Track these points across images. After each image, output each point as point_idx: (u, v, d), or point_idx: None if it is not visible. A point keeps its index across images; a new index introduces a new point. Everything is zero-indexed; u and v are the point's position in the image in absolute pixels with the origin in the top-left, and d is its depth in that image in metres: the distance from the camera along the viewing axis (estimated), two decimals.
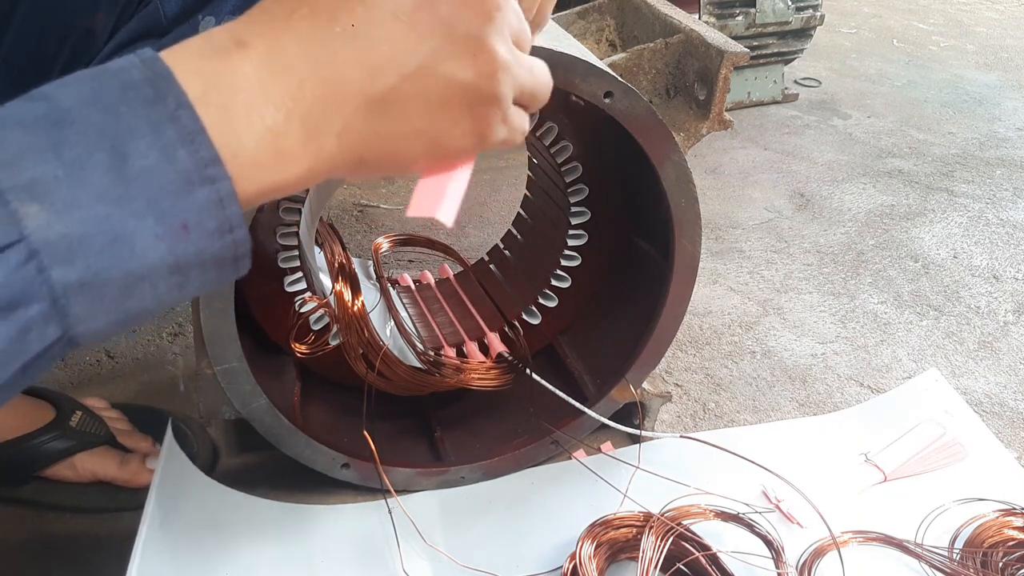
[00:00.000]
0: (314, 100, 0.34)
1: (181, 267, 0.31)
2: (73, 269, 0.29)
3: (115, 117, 0.30)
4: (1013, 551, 0.76)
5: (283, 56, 0.34)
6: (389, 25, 0.35)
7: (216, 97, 0.32)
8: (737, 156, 1.68)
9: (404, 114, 0.36)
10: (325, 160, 0.35)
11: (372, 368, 0.79)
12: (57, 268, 0.29)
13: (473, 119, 0.38)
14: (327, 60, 0.34)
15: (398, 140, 0.37)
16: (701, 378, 1.03)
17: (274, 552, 0.74)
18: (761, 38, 1.83)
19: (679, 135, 0.81)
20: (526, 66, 0.40)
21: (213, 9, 0.65)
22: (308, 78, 0.34)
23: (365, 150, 0.36)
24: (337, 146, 0.35)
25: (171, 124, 0.31)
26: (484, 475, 0.83)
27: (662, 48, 0.83)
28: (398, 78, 0.35)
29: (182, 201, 0.31)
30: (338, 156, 0.35)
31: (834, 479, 0.85)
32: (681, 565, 0.71)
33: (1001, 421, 0.98)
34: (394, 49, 0.35)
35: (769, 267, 1.28)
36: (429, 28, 0.35)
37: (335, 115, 0.35)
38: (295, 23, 0.34)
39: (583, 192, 0.86)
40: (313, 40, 0.34)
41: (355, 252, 1.15)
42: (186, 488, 0.76)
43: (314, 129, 0.34)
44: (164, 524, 0.75)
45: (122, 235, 0.30)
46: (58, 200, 0.29)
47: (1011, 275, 1.29)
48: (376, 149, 0.36)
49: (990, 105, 2.03)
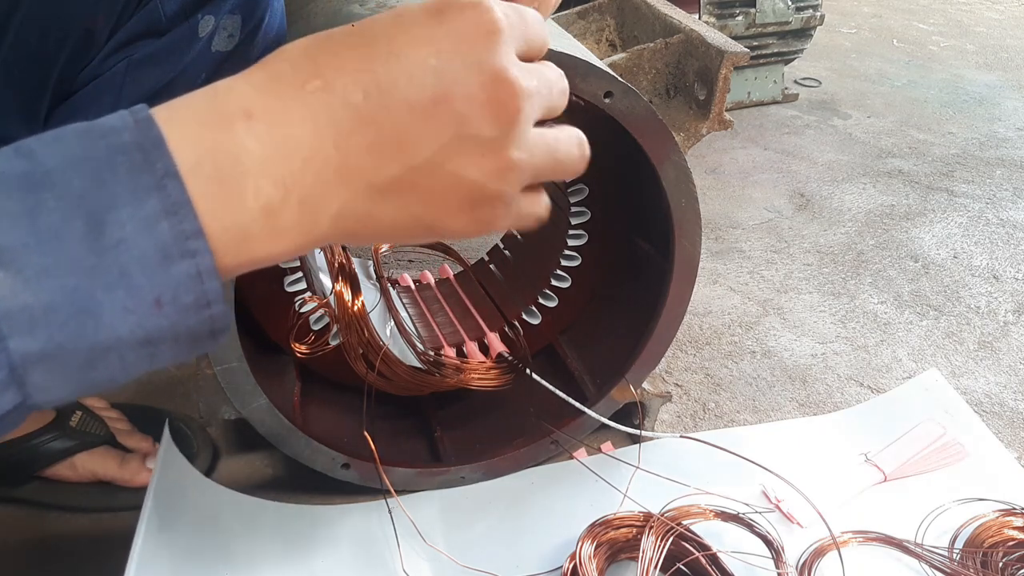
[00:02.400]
0: (315, 182, 0.33)
1: (152, 341, 0.30)
2: (34, 340, 0.28)
3: (98, 183, 0.29)
4: (1013, 551, 0.76)
5: (289, 132, 0.32)
6: (403, 116, 0.34)
7: (211, 169, 0.31)
8: (737, 156, 1.68)
9: (405, 203, 0.35)
10: (315, 238, 0.34)
11: (372, 368, 0.79)
12: (16, 338, 0.28)
13: (475, 212, 0.37)
14: (334, 143, 0.33)
15: (394, 225, 0.36)
16: (701, 378, 1.03)
17: (273, 553, 0.74)
18: (761, 38, 1.83)
19: (679, 135, 0.81)
20: (546, 155, 0.38)
21: (212, 8, 0.65)
22: (313, 158, 0.32)
23: (359, 231, 0.35)
24: (331, 226, 0.34)
25: (156, 194, 0.29)
26: (484, 475, 0.83)
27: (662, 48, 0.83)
28: (405, 169, 0.34)
29: (157, 275, 0.29)
30: (330, 234, 0.34)
31: (834, 479, 0.85)
32: (681, 565, 0.71)
33: (1001, 421, 0.98)
34: (405, 140, 0.34)
35: (769, 267, 1.28)
36: (443, 123, 0.34)
37: (334, 198, 0.33)
38: (307, 97, 0.33)
39: (583, 192, 0.86)
40: (323, 118, 0.33)
41: (355, 252, 1.15)
42: (184, 489, 0.76)
43: (311, 210, 0.33)
44: (161, 526, 0.75)
45: (89, 307, 0.28)
46: (26, 268, 0.28)
47: (1011, 275, 1.29)
48: (369, 229, 0.35)
49: (990, 105, 2.03)
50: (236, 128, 0.31)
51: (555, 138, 0.39)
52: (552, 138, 0.39)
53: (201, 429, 0.85)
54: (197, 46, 0.65)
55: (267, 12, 0.69)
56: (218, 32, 0.66)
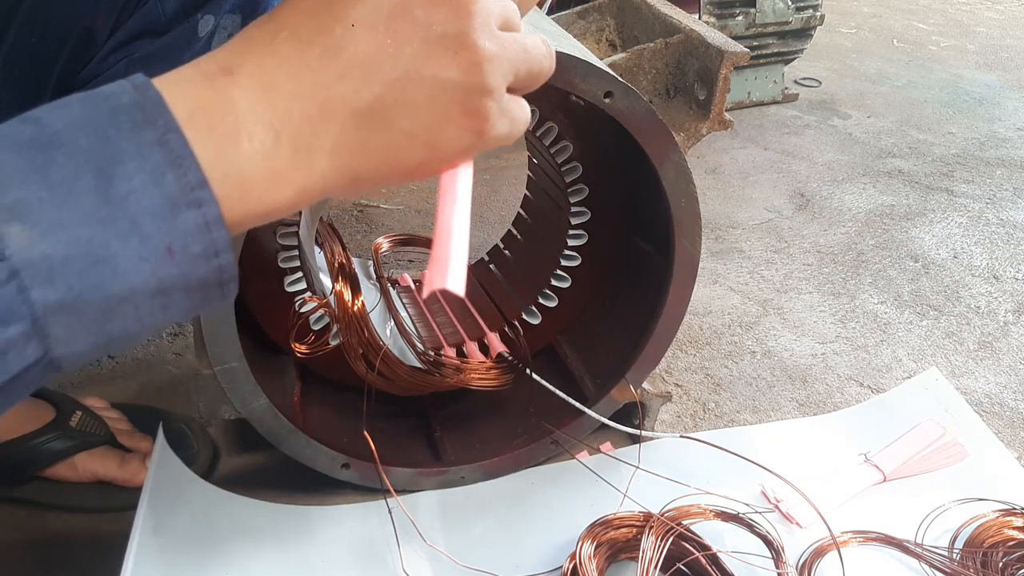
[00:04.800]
0: (302, 120, 0.34)
1: (165, 290, 0.31)
2: (54, 290, 0.29)
3: (103, 140, 0.30)
4: (1013, 551, 0.76)
5: (268, 79, 0.34)
6: (367, 38, 0.35)
7: (204, 121, 0.32)
8: (737, 156, 1.68)
9: (393, 122, 0.36)
10: (317, 179, 0.35)
11: (372, 368, 0.79)
12: (38, 288, 0.29)
13: (467, 115, 0.37)
14: (311, 80, 0.35)
15: (391, 149, 0.36)
16: (701, 378, 1.03)
17: (272, 554, 0.74)
18: (761, 38, 1.83)
19: (679, 135, 0.81)
20: (518, 48, 0.39)
21: (212, 8, 0.65)
22: (295, 99, 0.34)
23: (359, 164, 0.36)
24: (330, 164, 0.35)
25: (159, 148, 0.31)
26: (484, 475, 0.83)
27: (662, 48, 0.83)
28: (383, 87, 0.35)
29: (167, 224, 0.31)
30: (331, 174, 0.35)
31: (834, 479, 0.85)
32: (681, 565, 0.71)
33: (1001, 421, 0.98)
34: (374, 60, 0.35)
35: (769, 267, 1.28)
36: (406, 34, 0.36)
37: (324, 133, 0.35)
38: (277, 47, 0.35)
39: (583, 192, 0.86)
40: (296, 62, 0.35)
41: (355, 252, 1.15)
42: (179, 490, 0.76)
43: (304, 148, 0.34)
44: (157, 529, 0.75)
45: (105, 256, 0.30)
46: (41, 221, 0.29)
47: (1011, 275, 1.29)
48: (370, 161, 0.36)
49: (990, 105, 2.03)
50: (219, 82, 0.34)
51: (521, 36, 0.40)
52: (519, 36, 0.40)
53: (201, 429, 0.85)
54: (197, 46, 0.65)
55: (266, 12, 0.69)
56: (218, 32, 0.66)
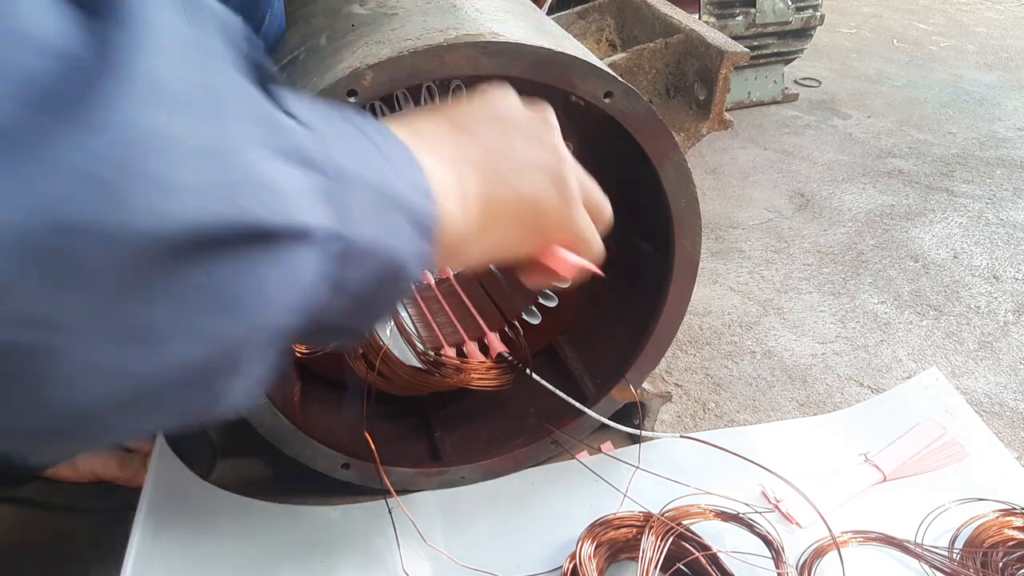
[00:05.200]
0: (461, 174, 0.45)
1: (419, 220, 0.40)
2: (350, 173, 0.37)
3: (364, 135, 0.40)
4: (1013, 551, 0.76)
5: (442, 153, 0.45)
6: (497, 130, 0.49)
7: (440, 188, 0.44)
8: (737, 156, 1.68)
9: (512, 183, 0.48)
10: (469, 215, 0.46)
11: (372, 368, 0.79)
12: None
13: (557, 191, 0.51)
14: (465, 154, 0.47)
15: (514, 202, 0.48)
16: (701, 378, 1.03)
17: (272, 554, 0.74)
18: (761, 38, 1.83)
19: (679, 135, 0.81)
20: (589, 184, 0.56)
21: None
22: (456, 162, 0.46)
23: (493, 208, 0.47)
24: (476, 202, 0.46)
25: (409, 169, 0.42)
26: (484, 475, 0.83)
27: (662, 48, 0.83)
28: (504, 161, 0.48)
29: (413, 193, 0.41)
30: (475, 209, 0.46)
31: (834, 479, 0.85)
32: (681, 565, 0.71)
33: (1001, 421, 0.98)
34: (496, 145, 0.49)
35: (769, 267, 1.28)
36: (515, 136, 0.50)
37: (472, 181, 0.46)
38: (442, 137, 0.47)
39: None
40: (451, 144, 0.47)
41: None
42: (179, 491, 0.76)
43: (463, 190, 0.45)
44: (157, 529, 0.75)
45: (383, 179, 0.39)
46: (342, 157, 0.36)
47: (1011, 275, 1.29)
48: (500, 208, 0.48)
49: (990, 105, 2.03)
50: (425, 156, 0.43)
51: (592, 180, 0.57)
52: (591, 179, 0.56)
53: (201, 429, 0.85)
54: None
55: (267, 12, 0.69)
56: None
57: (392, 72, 0.61)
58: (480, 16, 0.68)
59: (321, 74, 0.62)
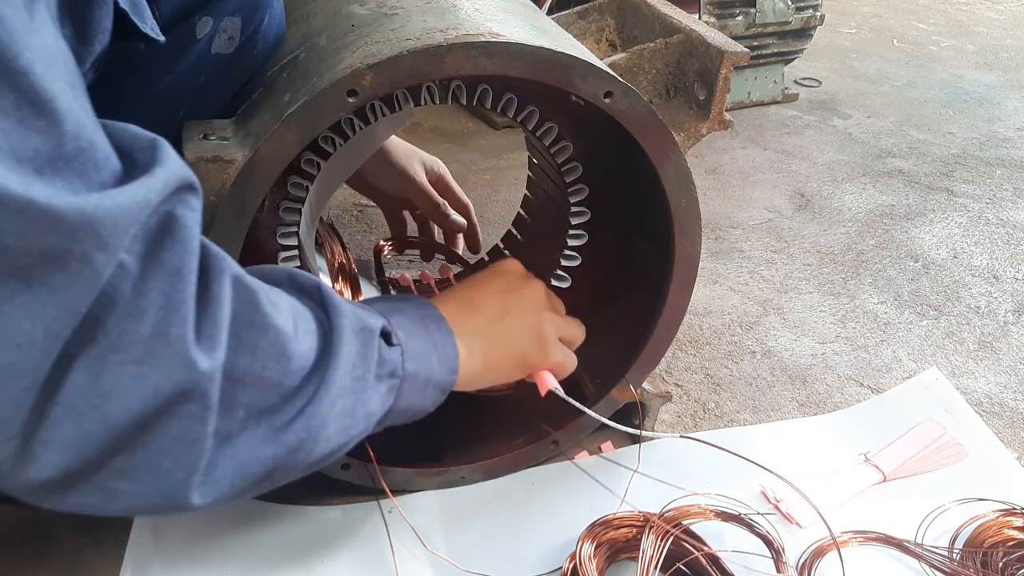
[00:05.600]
0: (471, 338, 0.67)
1: (444, 389, 0.66)
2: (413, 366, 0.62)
3: (425, 329, 0.64)
4: (1013, 551, 0.76)
5: (456, 325, 0.66)
6: (496, 304, 0.71)
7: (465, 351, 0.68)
8: (737, 156, 1.68)
9: (504, 343, 0.71)
10: (475, 364, 0.67)
11: None
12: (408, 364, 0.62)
13: (540, 346, 0.72)
14: (472, 325, 0.68)
15: (503, 355, 0.71)
16: (701, 378, 1.03)
17: (272, 554, 0.74)
18: (761, 38, 1.83)
19: (679, 135, 0.81)
20: (563, 328, 0.75)
21: (211, 10, 0.65)
22: (464, 334, 0.67)
23: (489, 360, 0.69)
24: (481, 359, 0.68)
25: (443, 346, 0.65)
26: (484, 475, 0.83)
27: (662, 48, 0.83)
28: (501, 324, 0.70)
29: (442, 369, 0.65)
30: (478, 363, 0.68)
31: (834, 479, 0.85)
32: (681, 565, 0.71)
33: (1001, 421, 0.98)
34: (499, 315, 0.70)
35: (769, 267, 1.28)
36: (512, 307, 0.72)
37: (477, 344, 0.68)
38: (452, 312, 0.67)
39: (583, 192, 0.86)
40: (458, 314, 0.68)
41: (355, 252, 1.15)
42: None
43: (470, 349, 0.67)
44: (157, 529, 0.75)
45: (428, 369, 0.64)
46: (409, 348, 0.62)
47: (1011, 275, 1.29)
48: (493, 361, 0.70)
49: (990, 105, 2.03)
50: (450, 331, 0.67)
51: (568, 323, 0.77)
52: (565, 323, 0.76)
53: None
54: (195, 48, 0.65)
55: (267, 13, 0.69)
56: (218, 34, 0.66)
57: (392, 72, 0.61)
58: (480, 16, 0.68)
59: (321, 74, 0.62)
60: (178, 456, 0.46)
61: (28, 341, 0.39)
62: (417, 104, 0.74)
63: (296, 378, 0.52)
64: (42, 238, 0.37)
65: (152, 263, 0.43)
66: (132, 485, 0.46)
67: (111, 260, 0.40)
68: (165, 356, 0.43)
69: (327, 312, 0.56)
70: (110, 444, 0.44)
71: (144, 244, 0.43)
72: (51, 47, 0.40)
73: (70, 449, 0.43)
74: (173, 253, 0.44)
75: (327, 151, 0.74)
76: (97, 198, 0.39)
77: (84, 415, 0.42)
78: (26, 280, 0.38)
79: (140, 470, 0.46)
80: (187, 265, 0.44)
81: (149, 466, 0.46)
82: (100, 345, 0.42)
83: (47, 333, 0.39)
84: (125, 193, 0.41)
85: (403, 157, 1.07)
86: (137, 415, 0.44)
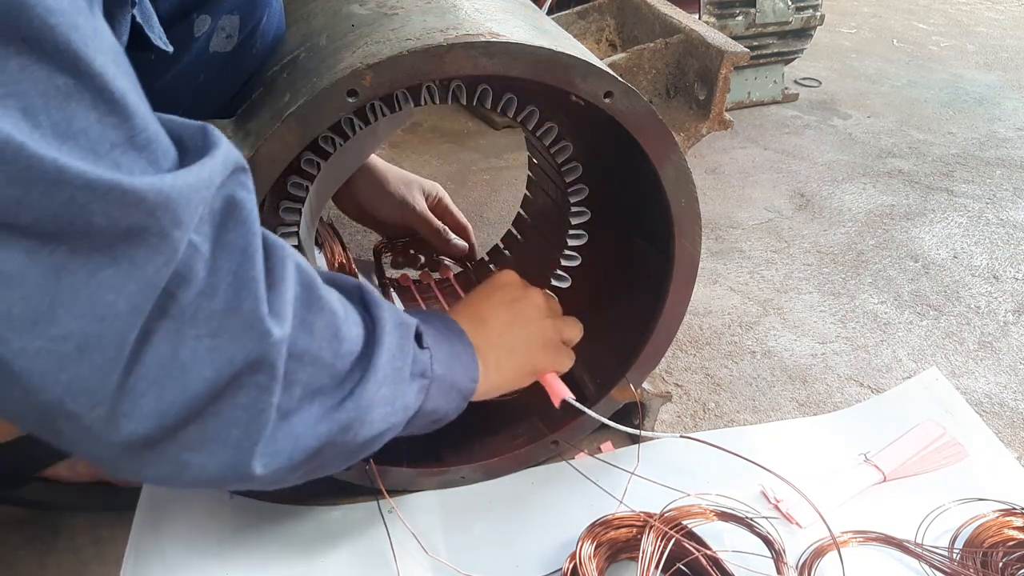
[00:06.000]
0: (485, 351, 0.71)
1: (466, 396, 0.69)
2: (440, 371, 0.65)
3: (448, 340, 0.68)
4: (1013, 551, 0.76)
5: (480, 344, 0.70)
6: (503, 316, 0.74)
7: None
8: (737, 156, 1.68)
9: (516, 355, 0.74)
10: (488, 375, 0.70)
11: None
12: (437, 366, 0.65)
13: (547, 353, 0.76)
14: (484, 337, 0.71)
15: (513, 368, 0.74)
16: (701, 378, 1.03)
17: (272, 554, 0.74)
18: (761, 38, 1.83)
19: (679, 135, 0.81)
20: (564, 329, 0.78)
21: (209, 8, 0.65)
22: (479, 345, 0.70)
23: (501, 372, 0.72)
24: (495, 370, 0.71)
25: (463, 357, 0.69)
26: (484, 475, 0.83)
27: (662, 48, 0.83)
28: (511, 336, 0.74)
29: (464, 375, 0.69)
30: (491, 375, 0.71)
31: (834, 479, 0.85)
32: (681, 565, 0.71)
33: (1001, 421, 0.98)
34: (507, 326, 0.74)
35: (769, 267, 1.28)
36: (517, 318, 0.75)
37: (491, 356, 0.71)
38: (470, 322, 0.72)
39: (583, 192, 0.86)
40: (473, 328, 0.71)
41: (355, 252, 1.15)
42: (179, 492, 0.76)
43: (484, 361, 0.70)
44: (157, 529, 0.75)
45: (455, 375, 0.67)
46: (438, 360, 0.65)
47: (1011, 275, 1.29)
48: (505, 372, 0.73)
49: (990, 105, 2.03)
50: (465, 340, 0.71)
51: (567, 324, 0.80)
52: (566, 325, 0.79)
53: None
54: (194, 46, 0.65)
55: (266, 12, 0.69)
56: (216, 33, 0.66)
57: (392, 72, 0.61)
58: (480, 16, 0.68)
59: (321, 74, 0.62)
60: (246, 425, 0.50)
61: (112, 313, 0.42)
62: (417, 104, 0.74)
63: (347, 361, 0.56)
64: (126, 217, 0.41)
65: (220, 244, 0.46)
66: (202, 456, 0.50)
67: (184, 236, 0.44)
68: (238, 329, 0.47)
69: (368, 307, 0.60)
70: (186, 413, 0.47)
71: (212, 226, 0.46)
72: (113, 48, 0.43)
73: (150, 417, 0.46)
74: (238, 234, 0.47)
75: (327, 151, 0.74)
76: (170, 178, 0.43)
77: (164, 386, 0.46)
78: (111, 255, 0.42)
79: (210, 440, 0.49)
80: (252, 245, 0.48)
81: (219, 436, 0.49)
82: (177, 321, 0.45)
83: (130, 306, 0.43)
84: (192, 173, 0.45)
85: (402, 186, 1.08)
86: (212, 384, 0.47)
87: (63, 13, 0.39)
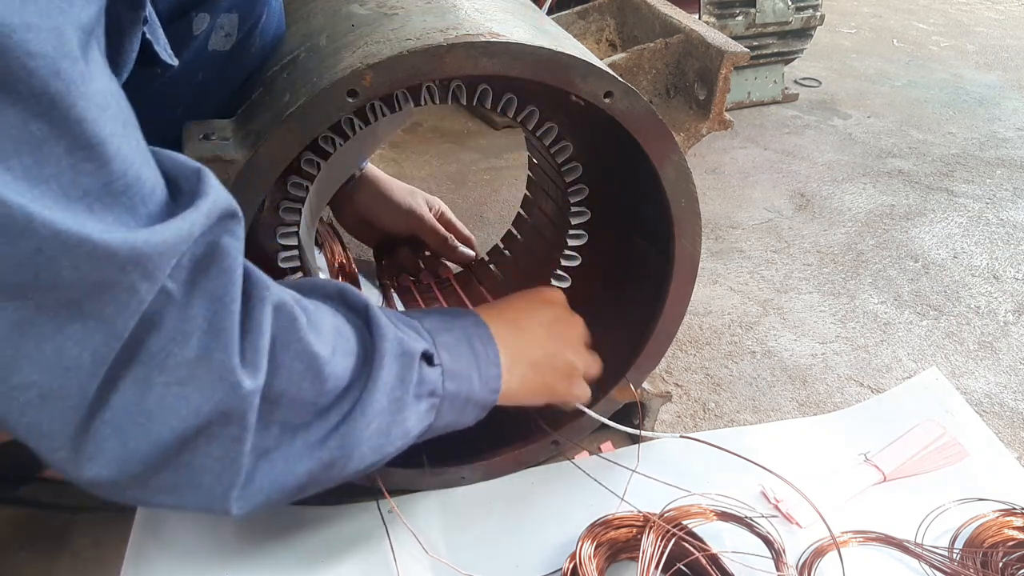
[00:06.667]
0: (511, 362, 0.69)
1: (484, 407, 0.68)
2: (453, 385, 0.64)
3: (471, 348, 0.66)
4: (1013, 551, 0.76)
5: (509, 349, 0.69)
6: (542, 332, 0.73)
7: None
8: (737, 156, 1.68)
9: (540, 372, 0.72)
10: (512, 387, 0.69)
11: None
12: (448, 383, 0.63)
13: (567, 381, 0.75)
14: (512, 349, 0.69)
15: (535, 385, 0.72)
16: (701, 378, 1.03)
17: (272, 554, 0.74)
18: (761, 38, 1.83)
19: (679, 135, 0.81)
20: (590, 364, 0.77)
21: (208, 6, 0.65)
22: (507, 355, 0.68)
23: (524, 385, 0.71)
24: (518, 382, 0.70)
25: (484, 367, 0.67)
26: (484, 475, 0.83)
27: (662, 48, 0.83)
28: (539, 355, 0.72)
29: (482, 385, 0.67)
30: (515, 384, 0.69)
31: (834, 479, 0.85)
32: (681, 565, 0.71)
33: (1001, 421, 0.98)
34: (543, 343, 0.73)
35: (769, 267, 1.28)
36: (554, 339, 0.74)
37: (517, 369, 0.69)
38: (506, 327, 0.71)
39: (583, 192, 0.86)
40: (510, 335, 0.70)
41: (355, 252, 1.15)
42: None
43: (509, 373, 0.68)
44: (157, 529, 0.75)
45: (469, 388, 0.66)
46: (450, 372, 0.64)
47: (1011, 275, 1.29)
48: (526, 387, 0.71)
49: (990, 105, 2.03)
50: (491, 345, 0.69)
51: (591, 360, 0.78)
52: (591, 360, 0.78)
53: None
54: (193, 45, 0.65)
55: (264, 11, 0.69)
56: (215, 31, 0.66)
57: (392, 72, 0.61)
58: (480, 16, 0.68)
59: (321, 74, 0.62)
60: (218, 474, 0.49)
61: (76, 365, 0.42)
62: (417, 104, 0.74)
63: (331, 397, 0.54)
64: (95, 271, 0.40)
65: (196, 290, 0.45)
66: (175, 499, 0.49)
67: (154, 288, 0.43)
68: (207, 379, 0.46)
69: (371, 333, 0.58)
70: (153, 461, 0.46)
71: (188, 271, 0.45)
72: (105, 90, 0.42)
73: (114, 463, 0.45)
74: (217, 281, 0.46)
75: (327, 151, 0.74)
76: (146, 233, 0.42)
77: (128, 433, 0.45)
78: (77, 310, 0.41)
79: (182, 486, 0.49)
80: (229, 293, 0.46)
81: (191, 483, 0.49)
82: (145, 367, 0.44)
83: (94, 357, 0.42)
84: (171, 228, 0.43)
85: (407, 196, 1.09)
86: (179, 434, 0.46)
87: (44, 57, 0.38)
